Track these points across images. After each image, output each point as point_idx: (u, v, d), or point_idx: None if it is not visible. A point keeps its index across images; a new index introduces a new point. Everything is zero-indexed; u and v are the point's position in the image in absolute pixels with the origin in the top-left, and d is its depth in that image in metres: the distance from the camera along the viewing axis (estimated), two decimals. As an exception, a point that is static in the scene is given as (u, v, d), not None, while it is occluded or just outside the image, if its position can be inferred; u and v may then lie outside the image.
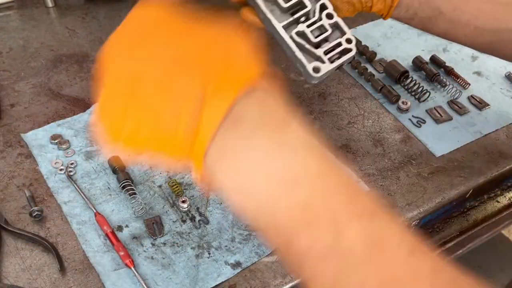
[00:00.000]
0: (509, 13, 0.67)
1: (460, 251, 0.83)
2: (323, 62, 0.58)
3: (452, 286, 0.35)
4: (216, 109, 0.39)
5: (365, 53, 0.96)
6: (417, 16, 0.69)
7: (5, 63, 0.93)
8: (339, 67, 0.60)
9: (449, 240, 0.81)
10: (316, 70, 0.58)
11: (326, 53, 0.59)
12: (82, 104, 0.86)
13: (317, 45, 0.59)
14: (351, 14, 0.69)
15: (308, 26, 0.58)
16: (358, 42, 0.98)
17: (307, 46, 0.58)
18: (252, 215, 0.41)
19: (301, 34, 0.58)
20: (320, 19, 0.59)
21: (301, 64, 0.59)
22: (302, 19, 0.59)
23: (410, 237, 0.37)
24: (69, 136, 0.79)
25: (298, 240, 0.38)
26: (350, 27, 0.61)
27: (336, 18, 0.59)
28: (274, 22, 0.59)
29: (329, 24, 0.59)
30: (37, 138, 0.79)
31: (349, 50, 0.59)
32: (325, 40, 0.59)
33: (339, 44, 0.59)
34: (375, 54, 0.96)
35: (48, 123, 0.81)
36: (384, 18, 0.71)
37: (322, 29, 0.59)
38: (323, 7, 0.59)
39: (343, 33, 0.60)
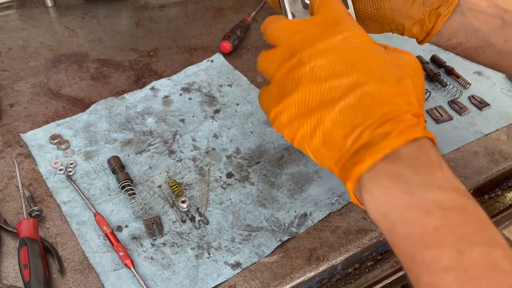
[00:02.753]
0: None
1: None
2: None
3: None
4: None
5: (365, 53, 0.96)
6: (461, 46, 0.63)
7: (5, 62, 0.93)
8: None
9: (450, 240, 0.81)
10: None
11: None
12: (81, 104, 0.85)
13: None
14: (377, 32, 0.66)
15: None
16: (358, 42, 0.97)
17: None
18: (385, 226, 0.44)
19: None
20: None
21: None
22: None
23: None
24: (69, 136, 0.79)
25: (423, 254, 0.41)
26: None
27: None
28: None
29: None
30: (36, 138, 0.79)
31: None
32: None
33: None
34: (375, 53, 0.96)
35: (48, 123, 0.81)
36: (419, 43, 0.65)
37: None
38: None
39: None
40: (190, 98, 0.87)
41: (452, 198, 0.43)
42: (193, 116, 0.84)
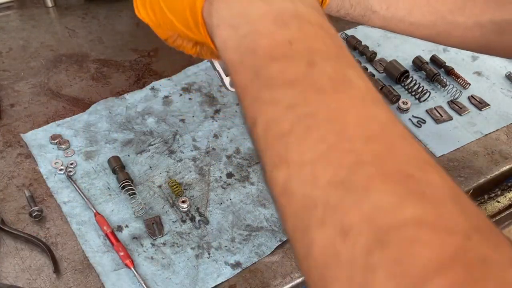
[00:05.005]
0: (444, 5, 0.65)
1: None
2: None
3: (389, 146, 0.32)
4: None
5: (365, 53, 0.96)
6: (349, 15, 0.67)
7: (5, 63, 0.93)
8: None
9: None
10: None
11: None
12: (82, 104, 0.85)
13: None
14: None
15: None
16: (358, 42, 0.98)
17: None
18: (234, 44, 0.39)
19: None
20: None
21: (218, 76, 0.59)
22: None
23: (377, 93, 0.35)
24: (69, 136, 0.79)
25: (268, 68, 0.35)
26: (350, 27, 0.61)
27: None
28: None
29: None
30: (36, 138, 0.79)
31: None
32: None
33: None
34: (375, 54, 0.96)
35: (48, 123, 0.81)
36: None
37: None
38: None
39: None
40: (190, 98, 0.87)
41: (314, 15, 0.38)
42: (193, 116, 0.84)
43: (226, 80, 0.59)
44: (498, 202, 0.83)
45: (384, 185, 0.28)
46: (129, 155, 0.77)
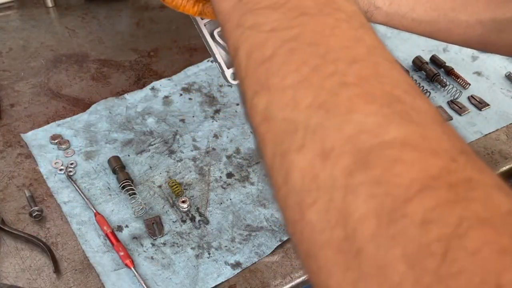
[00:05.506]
0: (447, 3, 0.66)
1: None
2: None
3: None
4: None
5: (365, 53, 0.96)
6: None
7: (5, 63, 0.93)
8: None
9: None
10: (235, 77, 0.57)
11: None
12: (82, 104, 0.86)
13: None
14: None
15: None
16: (358, 42, 0.98)
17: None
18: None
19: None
20: None
21: (220, 68, 0.58)
22: None
23: (363, 17, 0.34)
24: (69, 136, 0.79)
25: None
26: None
27: None
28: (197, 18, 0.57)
29: None
30: (37, 138, 0.79)
31: None
32: None
33: None
34: (375, 54, 0.96)
35: (48, 123, 0.81)
36: None
37: None
38: None
39: None
40: (190, 98, 0.87)
41: None
42: (193, 116, 0.84)
43: (228, 73, 0.58)
44: (498, 202, 0.83)
45: (368, 106, 0.27)
46: (129, 155, 0.77)
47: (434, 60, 0.96)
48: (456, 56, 0.98)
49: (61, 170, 0.74)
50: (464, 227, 0.22)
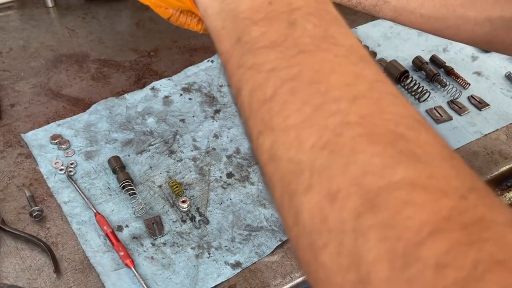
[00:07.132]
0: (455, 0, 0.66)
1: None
2: None
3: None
4: None
5: (365, 53, 0.96)
6: (360, 4, 0.67)
7: (5, 63, 0.93)
8: None
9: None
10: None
11: None
12: (82, 104, 0.86)
13: None
14: None
15: None
16: (358, 42, 0.98)
17: None
18: (216, 10, 0.38)
19: None
20: None
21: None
22: None
23: (363, 50, 0.34)
24: (69, 136, 0.79)
25: (250, 32, 0.34)
26: (350, 27, 0.61)
27: None
28: None
29: None
30: (37, 138, 0.79)
31: None
32: None
33: None
34: (375, 54, 0.96)
35: (48, 123, 0.81)
36: None
37: None
38: None
39: None
40: (190, 98, 0.87)
41: None
42: (193, 116, 0.84)
43: None
44: (498, 202, 0.83)
45: (372, 146, 0.27)
46: (129, 155, 0.77)
47: (434, 60, 0.96)
48: (456, 56, 0.98)
49: (61, 170, 0.74)
50: (480, 271, 0.22)
